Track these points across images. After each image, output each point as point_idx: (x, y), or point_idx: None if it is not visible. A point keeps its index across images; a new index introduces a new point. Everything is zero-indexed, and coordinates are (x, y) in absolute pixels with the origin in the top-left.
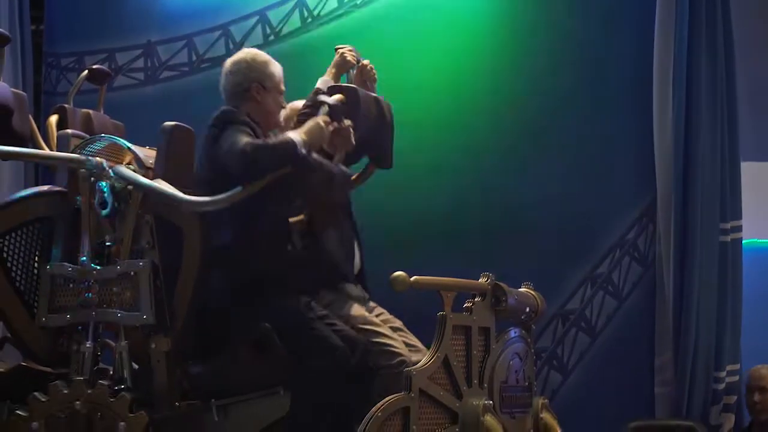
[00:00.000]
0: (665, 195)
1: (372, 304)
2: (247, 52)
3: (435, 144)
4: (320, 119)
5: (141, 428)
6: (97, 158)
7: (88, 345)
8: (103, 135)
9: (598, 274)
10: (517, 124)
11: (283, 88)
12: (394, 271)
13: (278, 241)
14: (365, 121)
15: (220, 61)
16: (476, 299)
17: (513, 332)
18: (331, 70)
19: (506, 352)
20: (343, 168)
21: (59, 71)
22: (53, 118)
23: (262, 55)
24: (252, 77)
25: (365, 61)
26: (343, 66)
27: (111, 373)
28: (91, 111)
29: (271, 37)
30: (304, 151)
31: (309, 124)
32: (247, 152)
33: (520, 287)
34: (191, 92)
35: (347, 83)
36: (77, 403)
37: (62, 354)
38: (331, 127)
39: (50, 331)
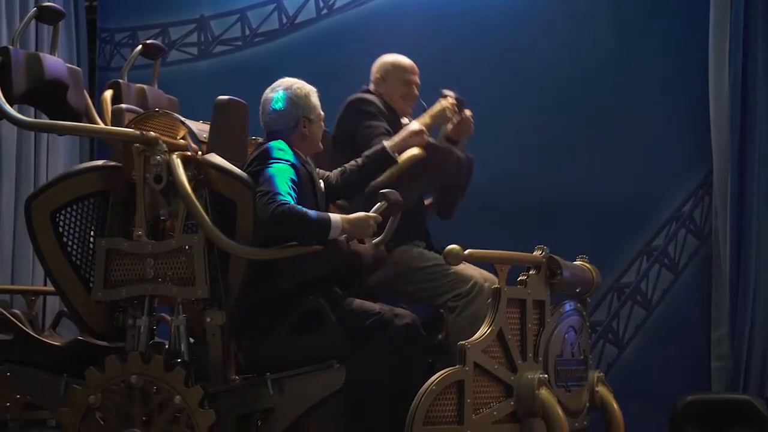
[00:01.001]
0: (721, 168)
1: None
2: (288, 86)
3: (490, 120)
4: (371, 218)
5: (196, 402)
6: (152, 133)
7: (143, 319)
8: (157, 109)
9: (654, 247)
10: (570, 100)
11: (322, 114)
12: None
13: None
14: (439, 178)
15: (273, 35)
16: (531, 272)
17: (568, 305)
18: (426, 118)
19: (561, 326)
20: (468, 154)
21: (113, 46)
22: (108, 93)
23: (304, 86)
24: (298, 114)
25: (467, 113)
26: (440, 119)
27: (166, 347)
28: (145, 86)
29: (324, 11)
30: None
31: (356, 216)
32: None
33: (575, 260)
34: (244, 66)
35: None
36: (133, 377)
37: (118, 328)
38: (456, 118)
39: (106, 306)
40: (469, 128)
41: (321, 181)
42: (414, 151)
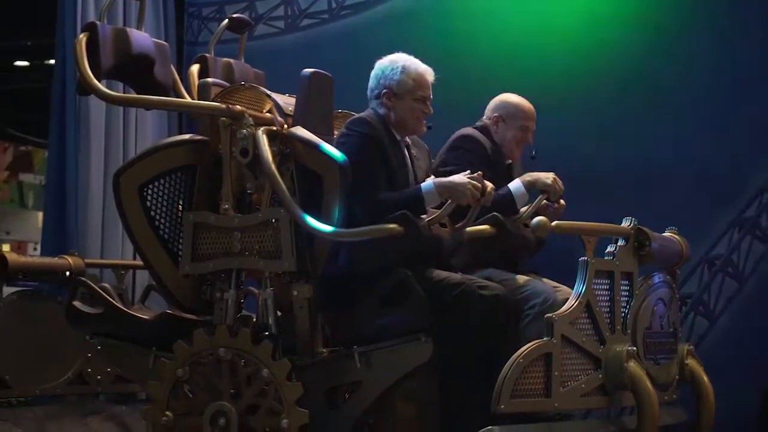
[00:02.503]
0: None
1: None
2: (387, 58)
3: (583, 93)
4: (469, 183)
5: (284, 375)
6: (238, 106)
7: (231, 292)
8: (243, 83)
9: (746, 219)
10: (656, 72)
11: (422, 94)
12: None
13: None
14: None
15: (359, 8)
16: (619, 244)
17: (657, 277)
18: (529, 178)
19: (650, 298)
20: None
21: (200, 21)
22: (195, 68)
23: (401, 60)
24: (382, 84)
25: (562, 203)
26: (540, 186)
27: (254, 320)
28: (231, 60)
29: None
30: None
31: (452, 180)
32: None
33: (664, 232)
34: (331, 40)
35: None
36: (221, 350)
37: (206, 301)
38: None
39: (194, 279)
40: (557, 217)
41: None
42: (486, 228)
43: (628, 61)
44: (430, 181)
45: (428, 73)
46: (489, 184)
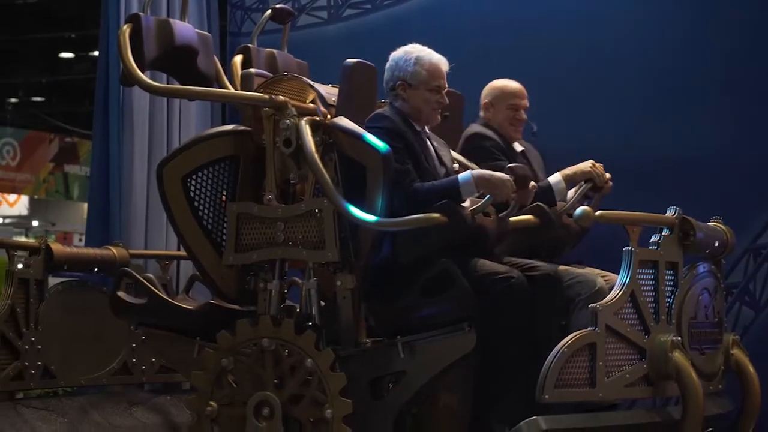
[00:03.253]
0: None
1: None
2: (401, 49)
3: (620, 81)
4: (509, 181)
5: (327, 365)
6: (281, 97)
7: (274, 283)
8: (286, 73)
9: None
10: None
11: (436, 84)
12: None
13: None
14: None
15: None
16: (663, 233)
17: (702, 267)
18: (569, 172)
19: (695, 288)
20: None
21: (243, 12)
22: (238, 58)
23: (415, 51)
24: (396, 75)
25: (608, 184)
26: (582, 177)
27: (297, 310)
28: (274, 50)
29: None
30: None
31: (493, 174)
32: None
33: (709, 222)
34: (374, 30)
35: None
36: (264, 340)
37: (249, 292)
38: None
39: (237, 270)
40: (608, 191)
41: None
42: (530, 218)
43: (669, 45)
44: (469, 172)
45: (442, 62)
46: (533, 182)
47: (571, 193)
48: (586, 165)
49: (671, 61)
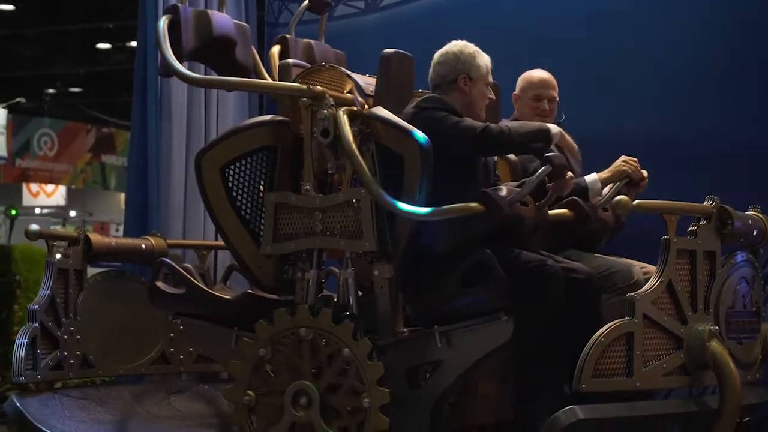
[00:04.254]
0: None
1: None
2: (455, 44)
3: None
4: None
5: (365, 354)
6: (318, 87)
7: (312, 272)
8: (323, 64)
9: None
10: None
11: (490, 79)
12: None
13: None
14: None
15: None
16: (701, 222)
17: (740, 256)
18: (606, 174)
19: (733, 277)
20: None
21: (281, 2)
22: (275, 49)
23: (470, 46)
24: (459, 69)
25: (645, 173)
26: (620, 176)
27: (335, 300)
28: (312, 41)
29: None
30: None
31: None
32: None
33: (747, 211)
34: (412, 20)
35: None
36: (302, 329)
37: (287, 281)
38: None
39: (275, 259)
40: (644, 188)
41: None
42: (565, 212)
43: (706, 32)
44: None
45: (490, 60)
46: (569, 173)
47: (607, 189)
48: (620, 163)
49: (702, 52)
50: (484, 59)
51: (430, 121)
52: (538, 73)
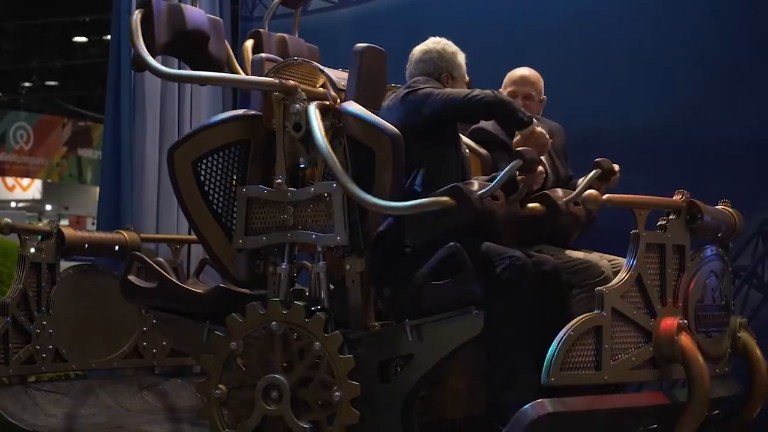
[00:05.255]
0: None
1: None
2: (436, 42)
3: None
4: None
5: (336, 348)
6: (291, 81)
7: (284, 266)
8: (296, 58)
9: None
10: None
11: (467, 78)
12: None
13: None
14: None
15: None
16: (671, 217)
17: (709, 250)
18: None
19: (702, 271)
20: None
21: None
22: (249, 43)
23: (451, 45)
24: (443, 67)
25: (617, 173)
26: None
27: (307, 294)
28: (286, 35)
29: None
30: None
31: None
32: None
33: (717, 205)
34: (385, 14)
35: None
36: (273, 323)
37: (259, 276)
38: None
39: (247, 253)
40: (615, 182)
41: None
42: (536, 206)
43: (681, 32)
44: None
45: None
46: (540, 168)
47: (579, 181)
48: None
49: (682, 44)
50: (463, 57)
51: (421, 97)
52: (519, 71)
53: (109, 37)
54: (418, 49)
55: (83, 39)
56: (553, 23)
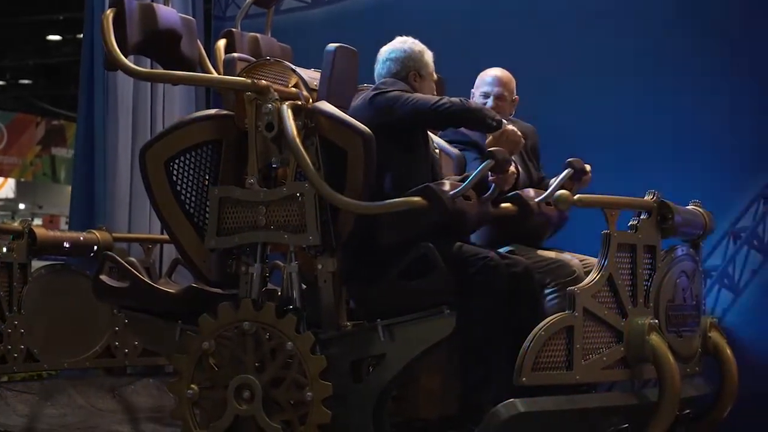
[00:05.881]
0: None
1: None
2: (403, 41)
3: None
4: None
5: (308, 348)
6: (263, 81)
7: (256, 266)
8: (268, 58)
9: None
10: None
11: (435, 76)
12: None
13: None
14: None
15: None
16: (642, 217)
17: (680, 250)
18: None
19: (673, 271)
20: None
21: None
22: (221, 43)
23: (418, 44)
24: (410, 66)
25: (588, 173)
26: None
27: (279, 293)
28: (258, 35)
29: None
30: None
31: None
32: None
33: (688, 205)
34: (357, 14)
35: None
36: (246, 323)
37: (231, 275)
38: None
39: (219, 253)
40: (587, 182)
41: None
42: (508, 206)
43: (651, 32)
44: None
45: (432, 55)
46: (512, 169)
47: (551, 181)
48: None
49: (651, 47)
50: (430, 56)
51: (389, 100)
52: (492, 72)
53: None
54: (385, 49)
55: (57, 37)
56: (524, 23)
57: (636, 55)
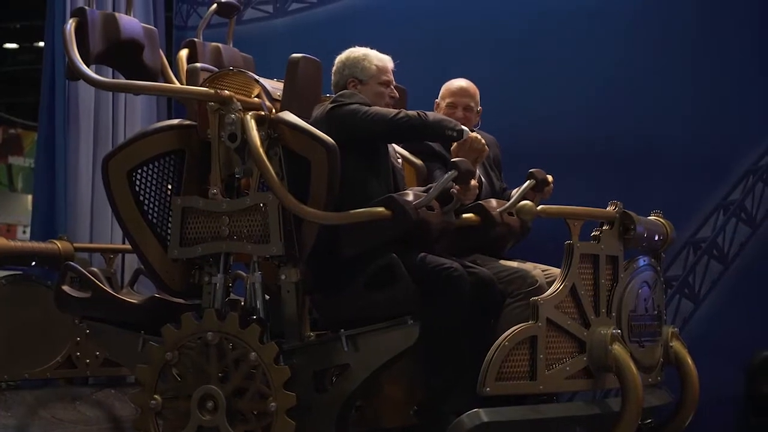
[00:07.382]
0: None
1: None
2: (345, 51)
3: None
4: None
5: (271, 358)
6: (226, 91)
7: (219, 276)
8: (231, 68)
9: (731, 201)
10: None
11: (385, 78)
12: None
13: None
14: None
15: None
16: (604, 228)
17: (642, 261)
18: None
19: (635, 281)
20: (528, 225)
21: (190, 5)
22: (183, 53)
23: (358, 50)
24: (346, 74)
25: (550, 184)
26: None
27: (242, 303)
28: (220, 45)
29: None
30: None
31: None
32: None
33: (650, 215)
34: (320, 24)
35: None
36: (209, 333)
37: (194, 285)
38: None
39: (182, 263)
40: (549, 193)
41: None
42: (471, 216)
43: (612, 40)
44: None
45: (388, 59)
46: (474, 182)
47: (513, 192)
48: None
49: (614, 53)
50: (375, 60)
51: (347, 114)
52: (457, 82)
53: (41, 44)
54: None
55: (14, 45)
56: (490, 32)
57: (597, 63)
